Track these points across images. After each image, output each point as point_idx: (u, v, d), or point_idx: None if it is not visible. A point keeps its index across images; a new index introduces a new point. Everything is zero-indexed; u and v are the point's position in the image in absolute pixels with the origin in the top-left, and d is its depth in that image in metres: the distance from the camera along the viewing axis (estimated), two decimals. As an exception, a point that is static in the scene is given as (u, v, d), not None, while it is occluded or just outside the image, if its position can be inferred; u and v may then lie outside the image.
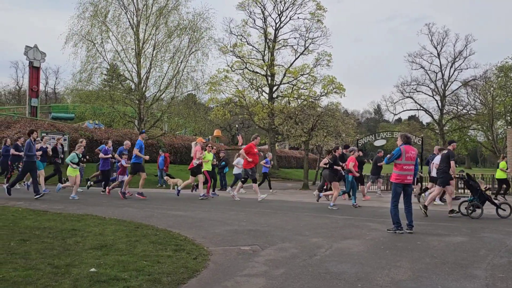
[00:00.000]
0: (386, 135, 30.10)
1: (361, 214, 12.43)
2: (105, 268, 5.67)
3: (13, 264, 5.70)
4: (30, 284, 4.93)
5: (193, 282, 5.34)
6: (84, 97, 27.67)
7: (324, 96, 36.00)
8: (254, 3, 37.50)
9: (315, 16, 37.11)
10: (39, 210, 11.13)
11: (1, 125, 27.58)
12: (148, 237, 7.81)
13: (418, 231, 9.24)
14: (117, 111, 27.54)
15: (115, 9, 27.05)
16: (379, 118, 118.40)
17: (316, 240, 8.15)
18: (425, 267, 6.26)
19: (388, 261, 6.52)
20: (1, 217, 9.58)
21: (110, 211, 11.53)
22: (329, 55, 36.72)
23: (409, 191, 9.37)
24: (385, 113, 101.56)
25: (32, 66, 35.53)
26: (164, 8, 27.14)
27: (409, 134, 10.23)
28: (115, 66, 28.74)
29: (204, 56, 28.15)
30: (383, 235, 8.82)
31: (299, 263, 6.32)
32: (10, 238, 7.37)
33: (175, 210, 12.33)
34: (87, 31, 26.26)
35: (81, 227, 8.64)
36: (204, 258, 6.48)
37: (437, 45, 56.12)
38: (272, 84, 37.54)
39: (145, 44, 27.00)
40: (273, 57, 37.38)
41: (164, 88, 27.64)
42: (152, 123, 28.40)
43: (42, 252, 6.44)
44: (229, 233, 8.75)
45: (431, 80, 57.02)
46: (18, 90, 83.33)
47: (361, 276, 5.72)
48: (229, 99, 36.39)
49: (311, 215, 11.88)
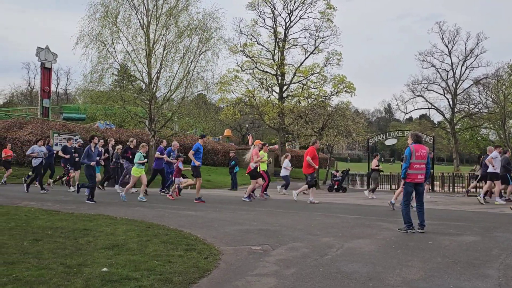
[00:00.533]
0: (397, 135, 29.98)
1: (372, 214, 12.38)
2: (117, 267, 5.69)
3: (26, 264, 5.75)
4: (43, 283, 4.96)
5: (204, 282, 5.35)
6: (95, 98, 27.76)
7: (335, 95, 35.92)
8: (264, 3, 37.49)
9: (325, 15, 37.01)
10: (51, 210, 11.22)
11: (13, 126, 27.82)
12: (159, 237, 7.84)
13: (430, 230, 9.18)
14: (128, 112, 27.63)
15: (125, 10, 27.13)
16: (390, 118, 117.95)
17: (327, 239, 8.13)
18: (437, 266, 6.22)
19: (399, 261, 6.49)
20: (14, 217, 9.67)
21: (122, 211, 11.60)
22: (339, 54, 36.63)
23: (420, 190, 9.30)
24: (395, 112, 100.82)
25: (43, 67, 35.84)
26: (174, 9, 27.17)
27: (420, 133, 10.15)
28: (126, 67, 28.82)
29: (214, 56, 28.15)
30: (395, 235, 8.78)
31: (310, 263, 6.31)
32: (23, 237, 7.44)
33: (185, 209, 12.37)
34: (97, 32, 26.36)
35: (92, 227, 8.69)
36: (215, 257, 6.49)
37: (448, 43, 55.70)
38: (282, 83, 37.50)
39: (156, 44, 27.06)
40: (283, 57, 37.32)
41: (175, 89, 27.69)
42: (163, 123, 28.46)
43: (55, 251, 6.49)
44: (240, 232, 8.76)
45: (442, 79, 56.59)
46: (30, 91, 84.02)
47: (373, 275, 5.70)
48: (239, 99, 36.42)
49: (322, 215, 11.86)
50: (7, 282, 4.96)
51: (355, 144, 38.14)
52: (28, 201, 13.36)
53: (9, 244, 6.87)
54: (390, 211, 13.07)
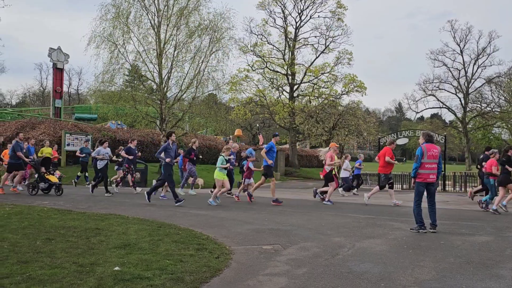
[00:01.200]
0: (409, 134, 29.83)
1: (384, 213, 12.34)
2: (129, 266, 5.73)
3: (39, 263, 5.80)
4: (56, 282, 5.01)
5: (216, 281, 5.37)
6: (106, 98, 27.94)
7: (345, 95, 35.83)
8: (274, 2, 37.48)
9: (335, 15, 36.92)
10: (63, 210, 11.31)
11: (26, 126, 28.08)
12: (170, 236, 7.87)
13: (442, 230, 9.13)
14: (139, 112, 27.77)
15: (136, 10, 27.27)
16: (401, 117, 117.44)
17: (339, 239, 8.12)
18: (449, 266, 6.18)
19: (411, 261, 6.46)
20: (27, 216, 9.76)
21: (133, 210, 11.65)
22: (350, 53, 36.53)
23: (432, 189, 9.24)
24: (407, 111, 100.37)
25: (55, 67, 36.16)
26: (185, 9, 27.25)
27: (431, 133, 10.08)
28: (137, 67, 28.96)
29: (225, 56, 28.19)
30: (406, 234, 8.74)
31: (321, 262, 6.30)
32: (36, 237, 7.50)
33: (197, 209, 12.40)
34: (109, 33, 26.52)
35: (104, 226, 8.75)
36: (226, 257, 6.50)
37: (460, 42, 55.35)
38: (292, 83, 37.46)
39: (166, 44, 27.15)
40: (293, 56, 37.29)
41: (185, 89, 27.77)
42: (174, 123, 28.57)
43: (67, 250, 6.54)
44: (251, 232, 8.77)
45: (454, 78, 56.23)
46: (42, 91, 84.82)
47: (384, 275, 5.68)
48: (250, 99, 36.45)
49: (333, 214, 11.83)
50: (21, 281, 5.01)
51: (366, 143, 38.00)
52: (40, 200, 13.48)
53: (22, 243, 6.94)
54: (402, 210, 13.01)
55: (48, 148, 19.48)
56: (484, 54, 54.75)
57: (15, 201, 13.17)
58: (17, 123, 28.80)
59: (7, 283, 4.93)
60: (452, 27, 55.54)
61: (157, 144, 30.18)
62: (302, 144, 53.59)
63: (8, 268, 5.52)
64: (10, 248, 6.61)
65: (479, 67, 55.54)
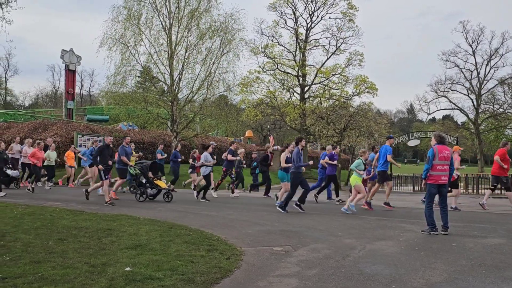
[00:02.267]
0: (420, 135, 29.70)
1: (395, 215, 12.27)
2: (140, 267, 5.76)
3: (51, 263, 5.86)
4: (68, 282, 5.05)
5: (226, 282, 5.38)
6: (118, 99, 28.09)
7: (356, 96, 35.66)
8: (285, 4, 37.42)
9: (346, 16, 36.79)
10: (75, 210, 11.40)
11: (39, 127, 28.29)
12: (181, 237, 7.90)
13: (454, 232, 9.07)
14: (150, 113, 27.90)
15: (147, 12, 27.42)
16: (412, 118, 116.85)
17: (349, 240, 8.10)
18: (461, 269, 6.14)
19: (422, 263, 6.43)
20: (40, 217, 9.85)
21: (144, 211, 11.71)
22: (361, 54, 36.37)
23: (444, 191, 9.18)
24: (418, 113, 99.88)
25: (68, 69, 36.45)
26: (196, 11, 27.34)
27: (443, 134, 9.99)
28: (148, 69, 29.07)
29: (236, 57, 28.24)
30: (417, 236, 8.70)
31: (332, 264, 6.29)
32: (48, 237, 7.57)
33: (207, 210, 12.42)
34: (120, 34, 26.68)
35: (116, 227, 8.80)
36: (237, 258, 6.51)
37: (472, 43, 54.88)
38: (303, 84, 37.39)
39: (178, 46, 27.26)
40: (304, 58, 37.22)
41: (196, 90, 27.87)
42: (185, 124, 28.65)
43: (79, 251, 6.60)
44: (261, 233, 8.77)
45: (466, 79, 55.79)
46: (55, 93, 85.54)
47: (395, 277, 5.66)
48: (261, 100, 36.43)
49: (343, 216, 11.79)
50: (33, 281, 5.06)
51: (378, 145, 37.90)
52: (53, 201, 13.58)
53: (35, 243, 7.01)
54: (413, 212, 12.94)
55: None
56: (497, 55, 54.27)
57: (28, 201, 13.29)
58: (30, 125, 29.03)
59: (20, 282, 4.98)
60: (464, 28, 55.13)
61: (168, 145, 30.29)
62: (313, 145, 53.46)
63: (21, 268, 5.58)
64: (23, 248, 6.67)
65: (491, 68, 55.07)
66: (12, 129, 28.62)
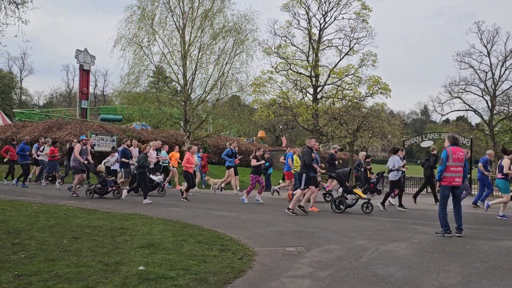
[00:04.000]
0: (434, 137, 29.44)
1: (408, 217, 12.21)
2: (153, 266, 5.79)
3: (65, 261, 5.91)
4: (81, 280, 5.09)
5: (239, 282, 5.39)
6: (131, 99, 28.21)
7: (369, 97, 35.44)
8: (299, 4, 37.31)
9: (360, 16, 36.59)
10: (89, 209, 11.48)
11: (53, 126, 28.54)
12: (194, 237, 7.92)
13: (468, 234, 9.00)
14: (163, 113, 27.97)
15: (161, 12, 27.48)
16: (426, 119, 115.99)
17: (362, 242, 8.07)
18: (475, 271, 6.09)
19: (436, 265, 6.39)
20: (54, 216, 9.93)
21: (157, 210, 11.76)
22: (374, 55, 36.14)
23: (457, 193, 9.11)
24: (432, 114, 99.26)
25: (82, 69, 36.73)
26: (209, 11, 27.37)
27: (457, 135, 9.88)
28: (162, 69, 29.15)
29: (249, 57, 28.17)
30: (431, 238, 8.64)
31: (345, 265, 6.27)
32: (62, 235, 7.64)
33: (219, 210, 12.45)
34: (134, 34, 26.75)
35: (129, 226, 8.85)
36: (250, 258, 6.52)
37: (487, 44, 54.37)
38: (316, 85, 37.26)
39: (191, 46, 27.30)
40: (317, 58, 37.09)
41: (209, 90, 27.88)
42: (198, 124, 28.70)
43: (93, 249, 6.64)
44: (274, 233, 8.77)
45: (481, 80, 55.33)
46: (69, 92, 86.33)
47: (409, 279, 5.62)
48: (273, 101, 36.37)
49: (356, 217, 11.75)
50: (48, 278, 5.10)
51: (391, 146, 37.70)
52: (67, 200, 13.69)
53: (49, 242, 7.07)
54: (426, 214, 12.85)
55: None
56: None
57: (42, 200, 13.42)
58: (45, 124, 29.29)
59: (35, 280, 5.03)
60: (479, 29, 54.65)
61: (180, 145, 30.39)
62: (325, 146, 53.33)
63: (36, 265, 5.63)
64: (37, 246, 6.74)
65: (506, 69, 54.55)
66: (27, 128, 28.90)
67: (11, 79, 79.31)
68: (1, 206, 11.31)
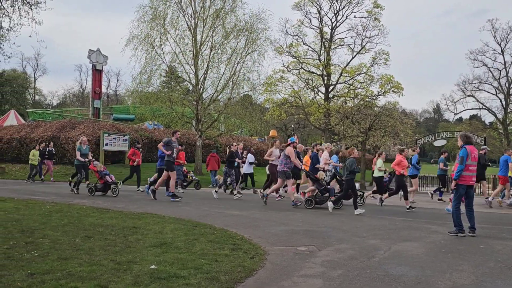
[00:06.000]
0: (447, 135, 29.24)
1: (421, 216, 12.12)
2: (165, 265, 5.80)
3: (78, 260, 5.94)
4: (94, 279, 5.12)
5: (250, 281, 5.38)
6: (143, 98, 28.37)
7: (382, 95, 35.26)
8: (310, 3, 37.21)
9: (372, 15, 36.41)
10: (102, 208, 11.54)
11: (66, 126, 28.79)
12: (205, 236, 7.93)
13: (481, 234, 8.92)
14: (175, 112, 28.08)
15: (173, 12, 27.59)
16: (439, 118, 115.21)
17: (374, 241, 8.03)
18: (489, 271, 6.03)
19: (449, 265, 6.34)
20: (67, 214, 10.01)
21: (169, 210, 11.79)
22: (386, 54, 35.94)
23: (471, 192, 9.02)
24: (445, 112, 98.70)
25: (95, 69, 37.00)
26: (221, 10, 27.42)
27: (469, 134, 9.68)
28: (173, 68, 29.28)
29: (260, 57, 28.20)
30: (444, 238, 8.58)
31: (357, 265, 6.24)
32: (75, 234, 7.69)
33: (231, 209, 12.46)
34: (146, 34, 26.91)
35: (141, 225, 8.89)
36: (261, 257, 6.51)
37: (501, 41, 53.84)
38: (328, 84, 37.16)
39: (202, 46, 27.37)
40: (329, 57, 36.97)
41: (221, 89, 27.93)
42: (209, 123, 28.77)
43: (105, 248, 6.68)
44: (286, 233, 8.76)
45: (494, 78, 54.85)
46: (82, 92, 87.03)
47: (421, 279, 5.58)
48: (285, 100, 36.30)
49: (368, 216, 11.70)
50: (61, 277, 5.14)
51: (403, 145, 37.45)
52: (79, 199, 13.79)
53: (62, 240, 7.12)
54: (439, 213, 12.76)
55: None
56: (527, 54, 53.20)
57: (55, 199, 13.52)
58: (58, 124, 29.56)
59: (48, 279, 5.07)
60: (493, 27, 54.15)
61: (192, 144, 30.47)
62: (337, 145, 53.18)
63: (49, 264, 5.67)
64: (50, 245, 6.79)
65: (520, 67, 54.02)
66: (40, 128, 29.19)
67: (25, 80, 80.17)
68: (16, 205, 11.42)
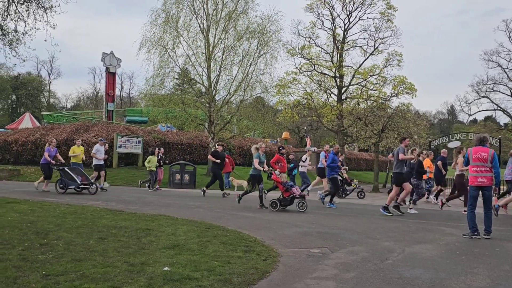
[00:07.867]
0: (461, 137, 28.99)
1: (435, 218, 12.04)
2: (178, 267, 5.82)
3: (92, 261, 5.98)
4: (107, 280, 5.14)
5: (263, 283, 5.38)
6: (157, 101, 28.50)
7: (395, 97, 35.06)
8: (323, 5, 37.14)
9: (385, 16, 36.23)
10: (115, 210, 11.61)
11: (80, 128, 29.03)
12: (218, 238, 7.94)
13: (496, 236, 8.83)
14: (188, 115, 28.16)
15: (186, 15, 27.70)
16: (453, 119, 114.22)
17: (388, 243, 7.98)
18: (504, 274, 5.97)
19: (464, 268, 6.28)
20: (81, 216, 10.08)
21: (182, 211, 11.83)
22: (399, 55, 35.74)
23: (486, 194, 8.94)
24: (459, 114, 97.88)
25: (108, 72, 37.30)
26: (233, 12, 27.47)
27: (483, 136, 9.58)
28: (186, 71, 29.39)
29: (273, 59, 28.17)
30: (458, 240, 8.50)
31: (370, 267, 6.21)
32: (89, 236, 7.74)
33: (243, 211, 12.46)
34: (159, 37, 27.06)
35: (154, 227, 8.92)
36: (274, 259, 6.50)
37: (516, 41, 53.37)
38: (340, 85, 37.04)
39: (215, 48, 27.44)
40: (341, 59, 36.86)
41: (234, 92, 27.96)
42: (222, 126, 28.81)
43: (119, 250, 6.71)
44: (298, 235, 8.74)
45: (509, 79, 54.28)
46: (96, 95, 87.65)
47: (436, 282, 5.54)
48: (297, 101, 36.26)
49: (381, 218, 11.64)
50: (75, 278, 5.17)
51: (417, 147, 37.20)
52: (93, 201, 13.88)
53: (76, 242, 7.17)
54: (454, 215, 12.66)
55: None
56: (542, 55, 52.60)
57: (69, 200, 13.63)
58: (72, 126, 29.83)
59: (62, 280, 5.11)
60: (507, 27, 53.58)
61: (205, 146, 30.55)
62: (350, 146, 52.99)
63: (63, 265, 5.72)
64: (65, 246, 6.84)
65: (536, 69, 53.45)
66: (55, 130, 29.46)
67: (40, 83, 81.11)
68: (30, 207, 11.53)
